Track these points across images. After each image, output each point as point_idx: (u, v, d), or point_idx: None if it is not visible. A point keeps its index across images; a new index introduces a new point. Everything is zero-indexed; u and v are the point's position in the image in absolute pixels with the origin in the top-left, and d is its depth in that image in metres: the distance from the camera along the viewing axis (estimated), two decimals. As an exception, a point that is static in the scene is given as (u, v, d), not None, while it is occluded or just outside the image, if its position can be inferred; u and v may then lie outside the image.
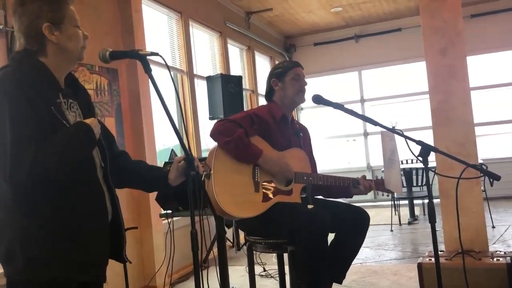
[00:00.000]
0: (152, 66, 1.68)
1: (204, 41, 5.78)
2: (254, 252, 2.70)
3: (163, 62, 1.70)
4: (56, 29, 1.54)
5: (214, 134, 2.49)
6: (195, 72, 5.30)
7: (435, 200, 2.09)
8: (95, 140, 1.53)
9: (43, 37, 1.53)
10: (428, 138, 4.50)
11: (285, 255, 2.61)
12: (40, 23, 1.52)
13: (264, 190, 2.49)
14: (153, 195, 3.65)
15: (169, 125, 1.65)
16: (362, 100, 8.31)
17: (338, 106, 2.18)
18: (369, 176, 2.77)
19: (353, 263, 2.65)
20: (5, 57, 3.06)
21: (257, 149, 2.45)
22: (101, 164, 1.65)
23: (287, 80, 2.67)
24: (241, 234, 3.59)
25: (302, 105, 8.53)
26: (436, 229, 2.07)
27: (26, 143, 1.38)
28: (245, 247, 2.85)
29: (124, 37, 4.15)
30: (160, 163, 4.30)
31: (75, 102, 1.64)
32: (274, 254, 3.67)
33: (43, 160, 1.37)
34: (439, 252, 2.32)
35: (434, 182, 4.48)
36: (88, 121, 1.54)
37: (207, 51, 5.82)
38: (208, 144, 5.36)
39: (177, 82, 5.07)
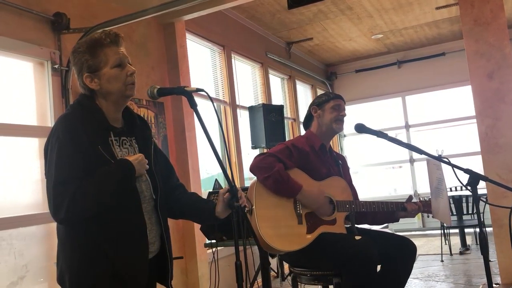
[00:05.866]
0: (196, 98, 1.74)
1: (246, 72, 5.90)
2: (299, 283, 2.67)
3: (207, 95, 1.76)
4: (95, 77, 1.64)
5: (253, 169, 2.51)
6: (237, 103, 5.39)
7: (488, 229, 2.00)
8: (133, 177, 1.61)
9: (88, 86, 1.65)
10: (477, 163, 4.36)
11: (331, 287, 2.56)
12: (83, 73, 1.64)
13: (307, 222, 2.47)
14: (197, 225, 3.69)
15: (213, 155, 1.68)
16: (407, 126, 8.15)
17: (382, 135, 2.16)
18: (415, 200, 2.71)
19: (402, 295, 2.56)
20: (60, 94, 3.24)
21: (296, 184, 2.44)
22: (152, 196, 1.71)
23: (327, 108, 2.69)
24: (286, 264, 3.55)
25: (345, 132, 8.53)
26: (491, 259, 1.97)
27: (66, 183, 1.50)
28: (289, 278, 2.81)
29: (170, 71, 4.31)
30: (204, 192, 4.36)
31: (129, 139, 1.73)
32: (320, 286, 3.60)
33: (79, 199, 1.49)
34: (494, 285, 2.22)
35: (486, 209, 4.30)
36: (131, 157, 1.62)
37: (249, 81, 5.93)
38: (250, 172, 5.39)
39: (220, 113, 5.18)
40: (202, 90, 1.72)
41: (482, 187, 3.83)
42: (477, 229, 5.73)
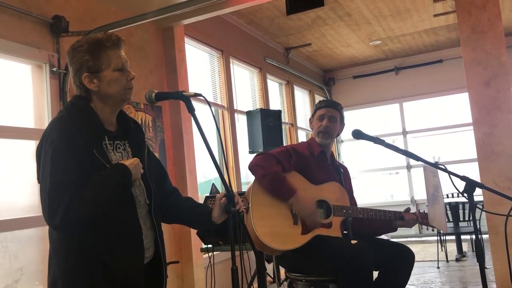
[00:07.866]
0: (194, 102, 1.74)
1: (244, 77, 5.91)
2: (295, 289, 2.66)
3: (205, 100, 1.76)
4: (95, 77, 1.60)
5: (252, 167, 2.53)
6: (235, 107, 5.40)
7: (484, 236, 2.00)
8: (130, 181, 1.58)
9: (85, 86, 1.62)
10: (474, 171, 4.37)
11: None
12: (81, 73, 1.60)
13: (303, 223, 2.47)
14: (194, 229, 3.68)
15: (210, 160, 1.68)
16: (404, 132, 8.17)
17: (379, 141, 2.16)
18: (413, 210, 2.71)
19: (398, 302, 2.56)
20: (58, 96, 3.24)
21: (291, 187, 2.45)
22: (146, 201, 1.69)
23: (315, 119, 2.75)
24: (282, 269, 3.54)
25: (343, 137, 8.54)
26: (487, 266, 1.97)
27: (62, 188, 1.46)
28: (285, 283, 2.81)
29: (168, 75, 4.31)
30: (201, 196, 4.36)
31: (123, 142, 1.71)
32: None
33: (75, 204, 1.46)
34: (490, 293, 2.21)
35: (482, 216, 4.32)
36: (127, 162, 1.60)
37: (247, 86, 5.94)
38: (248, 177, 5.40)
39: (218, 117, 5.18)
40: (200, 95, 1.72)
41: (478, 194, 3.84)
42: (473, 236, 5.74)
